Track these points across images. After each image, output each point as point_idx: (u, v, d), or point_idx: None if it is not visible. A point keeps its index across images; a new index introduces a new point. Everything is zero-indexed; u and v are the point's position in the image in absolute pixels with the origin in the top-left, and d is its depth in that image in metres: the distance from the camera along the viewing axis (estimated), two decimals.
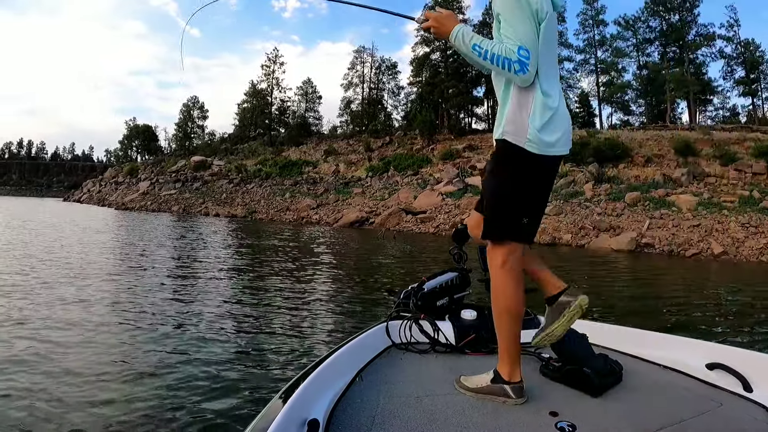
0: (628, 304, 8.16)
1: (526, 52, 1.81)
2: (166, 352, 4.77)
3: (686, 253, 16.84)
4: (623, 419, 1.76)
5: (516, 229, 1.96)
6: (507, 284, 1.98)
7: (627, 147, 30.61)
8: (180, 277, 9.47)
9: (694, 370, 2.17)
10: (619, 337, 2.56)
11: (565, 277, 2.20)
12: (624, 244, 17.63)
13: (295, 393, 1.61)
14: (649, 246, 17.67)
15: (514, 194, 1.96)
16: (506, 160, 1.95)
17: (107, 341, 5.13)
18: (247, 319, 6.23)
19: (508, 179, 1.96)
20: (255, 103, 70.77)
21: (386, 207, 28.24)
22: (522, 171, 1.93)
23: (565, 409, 1.83)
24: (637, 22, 53.59)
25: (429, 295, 2.67)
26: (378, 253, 15.01)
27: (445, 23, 1.97)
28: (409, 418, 1.77)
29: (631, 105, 56.79)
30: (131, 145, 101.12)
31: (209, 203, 40.25)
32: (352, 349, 2.26)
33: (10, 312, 6.02)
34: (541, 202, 2.07)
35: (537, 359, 2.37)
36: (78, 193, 69.08)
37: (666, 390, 2.03)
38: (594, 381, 1.98)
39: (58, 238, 15.72)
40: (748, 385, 1.95)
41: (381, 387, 2.04)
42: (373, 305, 7.31)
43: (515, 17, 1.85)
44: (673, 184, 24.80)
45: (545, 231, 19.79)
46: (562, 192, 25.21)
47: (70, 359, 4.50)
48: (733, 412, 1.81)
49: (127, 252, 13.20)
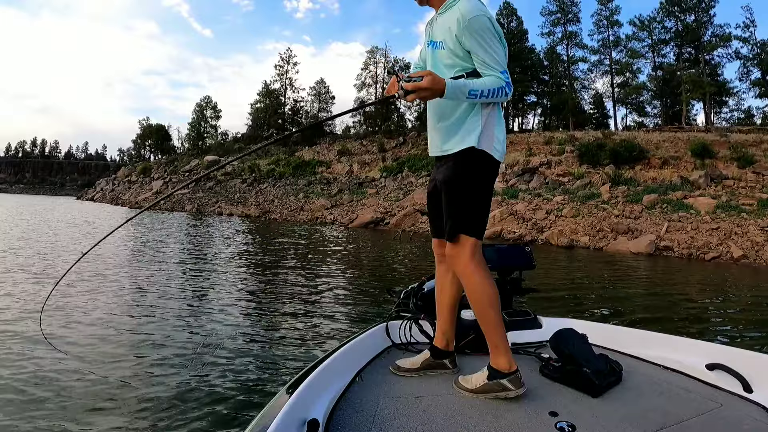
0: (646, 308, 8.06)
1: (507, 75, 2.02)
2: (167, 351, 4.81)
3: (706, 256, 16.67)
4: (623, 419, 1.77)
5: (481, 227, 2.14)
6: (482, 276, 2.07)
7: (643, 148, 30.36)
8: (191, 274, 9.58)
9: (694, 370, 2.18)
10: (619, 338, 2.58)
11: (583, 279, 2.26)
12: (643, 246, 17.48)
13: (294, 393, 1.63)
14: (668, 249, 17.52)
15: (482, 196, 2.14)
16: (477, 166, 2.11)
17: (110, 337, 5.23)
18: (251, 319, 6.24)
19: (478, 183, 2.13)
20: (268, 103, 70.97)
21: (401, 208, 28.21)
22: (488, 175, 2.15)
23: (564, 410, 1.84)
24: (653, 22, 53.22)
25: (429, 295, 2.62)
26: (393, 253, 15.00)
27: (436, 85, 1.90)
28: (409, 418, 1.78)
29: (646, 106, 56.44)
30: (144, 144, 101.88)
31: (223, 203, 40.42)
32: (352, 349, 2.28)
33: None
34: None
35: (537, 359, 2.37)
36: (91, 192, 69.66)
37: (666, 390, 2.04)
38: (594, 381, 1.99)
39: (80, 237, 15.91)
40: (748, 386, 1.97)
41: (381, 387, 2.06)
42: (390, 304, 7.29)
43: (494, 45, 2.01)
44: (690, 186, 24.60)
45: (563, 233, 19.68)
46: (578, 194, 25.10)
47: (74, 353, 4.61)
48: (733, 413, 1.82)
49: (145, 249, 13.27)
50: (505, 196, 26.83)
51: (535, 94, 63.30)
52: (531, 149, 35.19)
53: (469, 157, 2.09)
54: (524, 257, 2.92)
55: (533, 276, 10.59)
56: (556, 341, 2.22)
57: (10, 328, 5.29)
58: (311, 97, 72.69)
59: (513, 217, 22.49)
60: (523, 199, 25.77)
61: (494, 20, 2.04)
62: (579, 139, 35.26)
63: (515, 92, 60.74)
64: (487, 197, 2.15)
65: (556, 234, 19.68)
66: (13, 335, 5.04)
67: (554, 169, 30.95)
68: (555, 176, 29.69)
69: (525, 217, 22.44)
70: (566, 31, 59.28)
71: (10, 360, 4.34)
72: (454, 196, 2.13)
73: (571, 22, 59.15)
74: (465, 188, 2.10)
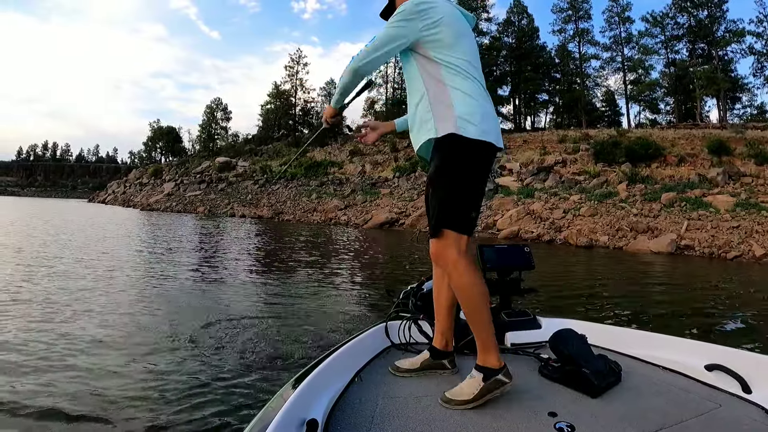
0: (665, 310, 7.90)
1: (367, 47, 2.22)
2: (168, 350, 4.84)
3: (727, 255, 16.48)
4: (622, 420, 1.77)
5: (467, 221, 2.08)
6: (471, 273, 2.03)
7: (659, 146, 30.12)
8: (197, 270, 9.74)
9: (693, 371, 2.19)
10: (619, 338, 2.59)
11: (601, 279, 2.24)
12: (664, 246, 17.32)
13: (294, 393, 1.64)
14: (689, 248, 17.35)
15: (464, 185, 2.10)
16: (449, 153, 2.13)
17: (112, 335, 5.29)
18: (252, 319, 6.24)
19: (456, 171, 2.11)
20: (279, 104, 71.16)
21: (416, 208, 28.14)
22: (467, 159, 2.11)
23: (564, 410, 1.85)
24: (665, 18, 52.85)
25: (428, 295, 2.62)
26: (408, 254, 14.92)
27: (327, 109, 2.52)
28: (408, 418, 1.79)
29: (659, 103, 56.09)
30: (155, 146, 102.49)
31: (235, 204, 40.55)
32: (351, 349, 2.29)
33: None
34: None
35: (536, 360, 2.38)
36: (103, 194, 70.16)
37: (665, 391, 2.05)
38: (593, 381, 2.00)
39: (103, 238, 16.02)
40: (747, 387, 1.97)
41: (380, 387, 2.07)
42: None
43: (392, 21, 2.20)
44: (708, 184, 24.36)
45: (581, 233, 19.54)
46: (595, 192, 24.93)
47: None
48: (732, 414, 1.83)
49: (161, 249, 13.31)
50: (521, 195, 26.65)
51: (546, 93, 63.06)
52: (545, 148, 35.02)
53: (439, 148, 2.08)
54: (524, 257, 2.93)
55: (555, 277, 10.58)
56: (556, 341, 2.23)
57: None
58: (321, 97, 72.87)
59: (530, 217, 22.37)
60: (539, 198, 25.60)
61: (421, 8, 2.09)
62: (593, 137, 35.08)
63: (526, 90, 60.75)
64: (471, 187, 2.08)
65: (574, 234, 19.54)
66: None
67: (569, 168, 30.79)
68: (570, 175, 29.52)
69: (542, 216, 22.31)
70: (578, 28, 59.06)
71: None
72: (434, 191, 2.11)
73: (582, 18, 58.91)
74: (443, 180, 2.07)
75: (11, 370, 4.11)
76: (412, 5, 2.08)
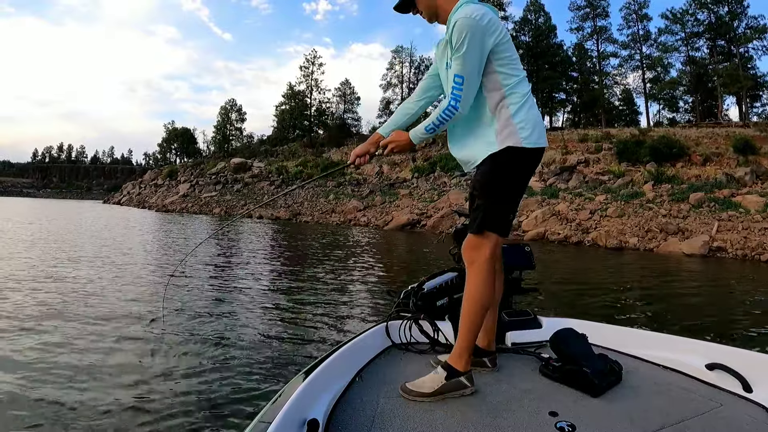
0: (704, 315, 7.68)
1: (460, 84, 2.05)
2: (169, 350, 4.88)
3: (761, 257, 16.10)
4: (623, 419, 1.78)
5: (507, 224, 2.16)
6: (491, 280, 2.08)
7: (683, 145, 29.67)
8: (208, 271, 9.79)
9: (694, 370, 2.19)
10: (619, 337, 2.59)
11: (633, 283, 2.08)
12: (696, 248, 16.94)
13: (294, 393, 1.63)
14: (722, 250, 16.96)
15: (512, 192, 2.15)
16: (506, 164, 2.12)
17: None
18: (254, 318, 6.29)
19: (508, 180, 2.13)
20: (294, 105, 71.24)
21: (437, 209, 27.94)
22: (520, 167, 2.14)
23: (564, 409, 1.85)
24: (685, 15, 52.19)
25: (429, 296, 2.67)
26: (434, 257, 14.67)
27: (399, 137, 2.24)
28: (409, 418, 1.80)
29: (679, 101, 55.45)
30: (170, 147, 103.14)
31: (251, 205, 40.52)
32: (352, 349, 2.30)
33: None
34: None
35: (537, 359, 2.37)
36: (118, 196, 70.68)
37: (666, 390, 2.06)
38: (594, 381, 2.00)
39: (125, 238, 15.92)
40: (748, 386, 1.97)
41: (381, 387, 2.07)
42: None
43: (462, 46, 2.02)
44: (736, 183, 23.93)
45: (610, 235, 19.22)
46: (621, 192, 24.57)
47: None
48: (733, 413, 1.83)
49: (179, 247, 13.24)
50: (545, 195, 26.35)
51: (563, 92, 62.55)
52: (566, 147, 34.58)
53: (496, 160, 2.08)
54: (524, 257, 2.93)
55: (594, 279, 10.32)
56: (556, 341, 2.24)
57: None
58: (336, 98, 72.87)
59: (556, 218, 22.06)
60: (564, 198, 25.29)
61: (485, 22, 1.99)
62: (615, 136, 34.66)
63: (544, 90, 60.22)
64: (518, 192, 2.15)
65: (603, 235, 19.21)
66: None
67: (592, 168, 30.44)
68: (594, 174, 29.18)
69: (568, 217, 22.00)
70: (595, 25, 58.51)
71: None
72: (483, 195, 2.12)
73: (600, 16, 58.35)
74: (494, 188, 2.10)
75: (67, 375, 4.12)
76: (474, 22, 1.97)
